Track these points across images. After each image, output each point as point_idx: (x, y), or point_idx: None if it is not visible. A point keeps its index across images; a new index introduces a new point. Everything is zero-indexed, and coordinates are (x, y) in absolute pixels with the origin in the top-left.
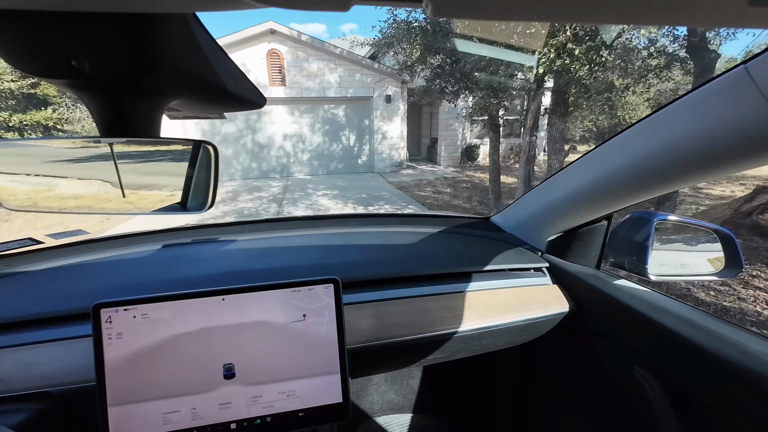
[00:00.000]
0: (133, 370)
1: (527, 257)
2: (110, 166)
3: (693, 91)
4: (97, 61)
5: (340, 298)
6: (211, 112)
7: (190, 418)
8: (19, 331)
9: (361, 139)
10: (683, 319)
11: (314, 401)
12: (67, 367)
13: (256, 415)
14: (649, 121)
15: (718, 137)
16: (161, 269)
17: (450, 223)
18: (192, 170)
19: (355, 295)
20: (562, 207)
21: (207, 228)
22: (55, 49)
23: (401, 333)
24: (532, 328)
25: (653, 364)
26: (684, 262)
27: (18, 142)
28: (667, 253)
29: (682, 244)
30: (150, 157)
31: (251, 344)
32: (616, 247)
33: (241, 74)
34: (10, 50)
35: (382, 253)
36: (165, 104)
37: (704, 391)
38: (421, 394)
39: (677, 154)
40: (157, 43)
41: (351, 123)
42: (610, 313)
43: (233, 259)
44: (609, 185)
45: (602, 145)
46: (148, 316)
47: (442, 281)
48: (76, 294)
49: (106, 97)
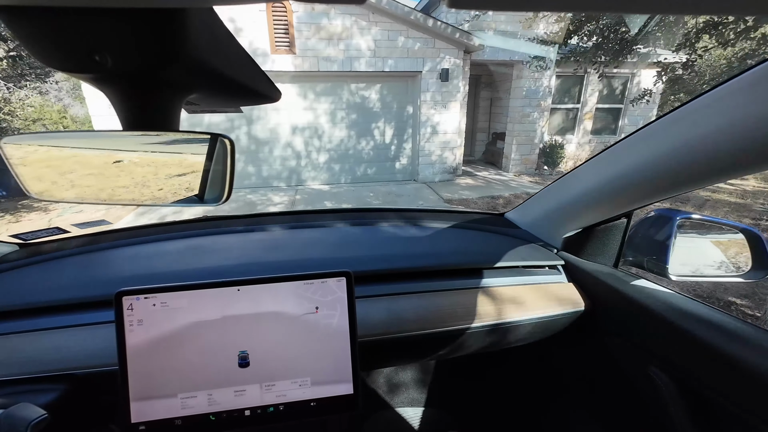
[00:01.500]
0: (153, 355)
1: (542, 254)
2: (132, 158)
3: (719, 86)
4: (119, 56)
5: (352, 291)
6: (227, 106)
7: (207, 404)
8: (48, 316)
9: (401, 134)
10: (705, 322)
11: (325, 392)
12: (92, 351)
13: (269, 403)
14: (673, 116)
15: (747, 134)
16: (179, 259)
17: (463, 218)
18: (209, 163)
19: (367, 288)
20: (580, 204)
21: (223, 220)
22: (78, 44)
23: (412, 327)
24: (545, 326)
25: (670, 366)
26: (707, 263)
27: (41, 134)
28: (689, 253)
29: (706, 243)
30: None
31: (265, 334)
32: (635, 245)
33: (257, 68)
34: (35, 45)
35: (394, 247)
36: (184, 98)
37: (724, 395)
38: (431, 388)
39: (702, 151)
40: (178, 37)
41: (388, 110)
42: (627, 313)
43: (248, 250)
44: (630, 182)
45: (623, 140)
46: (167, 305)
47: (455, 277)
48: (100, 282)
49: (128, 91)
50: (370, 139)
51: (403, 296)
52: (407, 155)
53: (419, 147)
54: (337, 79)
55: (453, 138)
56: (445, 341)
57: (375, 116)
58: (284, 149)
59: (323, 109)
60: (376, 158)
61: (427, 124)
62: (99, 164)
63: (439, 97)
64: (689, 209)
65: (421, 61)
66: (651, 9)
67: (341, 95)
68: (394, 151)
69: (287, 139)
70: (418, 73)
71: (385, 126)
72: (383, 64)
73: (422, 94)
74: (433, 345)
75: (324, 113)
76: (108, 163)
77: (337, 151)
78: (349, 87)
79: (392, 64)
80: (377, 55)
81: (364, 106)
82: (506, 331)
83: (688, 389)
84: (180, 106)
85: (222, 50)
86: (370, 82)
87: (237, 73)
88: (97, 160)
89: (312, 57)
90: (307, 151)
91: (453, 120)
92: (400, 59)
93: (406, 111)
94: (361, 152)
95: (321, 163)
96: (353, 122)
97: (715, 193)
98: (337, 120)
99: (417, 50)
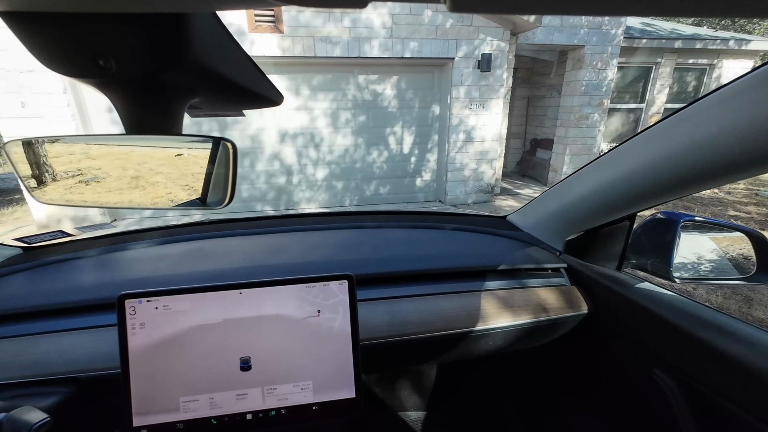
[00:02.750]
0: (155, 358)
1: (545, 257)
2: (134, 162)
3: (726, 85)
4: (123, 60)
5: (354, 295)
6: (229, 110)
7: (209, 407)
8: (51, 319)
9: (423, 142)
10: (709, 324)
11: (327, 395)
12: (95, 354)
13: (271, 407)
14: (677, 117)
15: (752, 135)
16: (182, 262)
17: (465, 221)
18: (212, 166)
19: (370, 291)
20: (582, 206)
21: (225, 223)
22: (83, 50)
23: (415, 330)
24: (548, 330)
25: (675, 369)
26: (711, 265)
27: (45, 137)
28: (693, 256)
29: (710, 246)
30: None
31: (267, 338)
32: (638, 248)
33: (259, 71)
34: (41, 50)
35: (396, 250)
36: (187, 102)
37: (729, 397)
38: (434, 392)
39: (706, 153)
40: (181, 41)
41: (407, 110)
42: (630, 316)
43: (250, 253)
44: (633, 184)
45: (627, 142)
46: (170, 308)
47: (457, 279)
48: (103, 285)
49: (132, 95)
50: (384, 148)
51: (406, 299)
52: (431, 169)
53: (448, 158)
54: (340, 68)
55: (492, 147)
56: (447, 344)
57: (390, 118)
58: (270, 162)
59: (321, 110)
60: (391, 173)
61: (459, 129)
62: (103, 167)
63: (476, 92)
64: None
65: (454, 44)
66: (657, 12)
67: (345, 90)
68: (415, 164)
69: (274, 149)
70: (449, 60)
71: (404, 131)
72: (403, 47)
73: (454, 88)
74: (435, 348)
75: (322, 115)
76: (112, 167)
77: (339, 164)
78: (357, 80)
79: (415, 48)
80: (395, 35)
81: (376, 104)
82: (510, 333)
83: (692, 392)
84: (183, 109)
85: (224, 54)
86: (385, 72)
87: (239, 76)
88: (100, 163)
89: (306, 37)
90: (301, 165)
91: (493, 123)
92: (426, 41)
93: (432, 111)
94: (372, 165)
95: (318, 181)
96: (361, 126)
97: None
98: (341, 123)
99: (449, 29)
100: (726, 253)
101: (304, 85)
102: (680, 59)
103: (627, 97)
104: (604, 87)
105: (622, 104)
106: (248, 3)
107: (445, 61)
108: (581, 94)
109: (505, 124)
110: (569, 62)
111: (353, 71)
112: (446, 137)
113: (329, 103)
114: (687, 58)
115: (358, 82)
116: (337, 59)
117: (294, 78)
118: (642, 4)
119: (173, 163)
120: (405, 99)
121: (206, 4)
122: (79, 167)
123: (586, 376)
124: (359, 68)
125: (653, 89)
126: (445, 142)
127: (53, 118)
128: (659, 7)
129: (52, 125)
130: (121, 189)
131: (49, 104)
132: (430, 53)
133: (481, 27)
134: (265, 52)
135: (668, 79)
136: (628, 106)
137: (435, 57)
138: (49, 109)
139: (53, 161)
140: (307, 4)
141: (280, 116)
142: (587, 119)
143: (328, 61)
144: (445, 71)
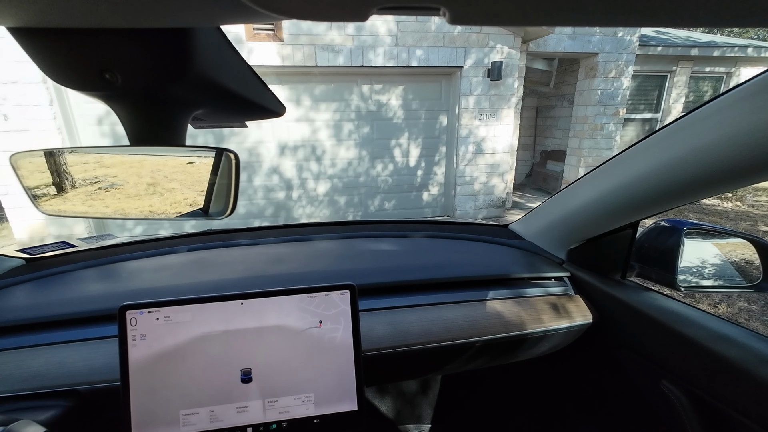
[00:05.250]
0: (155, 370)
1: (548, 266)
2: (138, 173)
3: (726, 93)
4: (129, 74)
5: (356, 305)
6: (232, 121)
7: (209, 420)
8: (52, 330)
9: (431, 154)
10: (717, 334)
11: (329, 408)
12: (95, 367)
13: (271, 420)
14: (678, 125)
15: (755, 141)
16: (183, 273)
17: (467, 230)
18: (214, 177)
19: (371, 302)
20: (584, 215)
21: (227, 233)
22: (90, 64)
23: (417, 341)
24: (553, 340)
25: (683, 380)
26: (716, 273)
27: (50, 149)
28: (697, 264)
29: (715, 253)
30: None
31: (268, 349)
32: (642, 256)
33: (261, 83)
34: (49, 65)
35: (398, 259)
36: (191, 114)
37: (739, 409)
38: (438, 405)
39: (708, 160)
40: (185, 55)
41: (413, 121)
42: (635, 326)
43: (251, 264)
44: (634, 193)
45: (627, 150)
46: (171, 319)
47: (459, 289)
48: (104, 296)
49: (137, 108)
50: (389, 161)
51: (408, 309)
52: (439, 182)
53: (456, 171)
54: (343, 77)
55: (503, 159)
56: (451, 355)
57: (396, 130)
58: (268, 177)
59: (323, 121)
60: (397, 187)
61: (468, 140)
62: (119, 175)
63: (486, 102)
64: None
65: (462, 52)
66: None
67: (349, 101)
68: (422, 178)
69: (273, 162)
70: (457, 69)
71: (410, 143)
72: (409, 56)
73: (463, 98)
74: (439, 359)
75: (324, 126)
76: (128, 174)
77: (342, 178)
78: (361, 89)
79: (422, 57)
80: (400, 43)
81: (381, 115)
82: (513, 344)
83: (702, 403)
84: (187, 121)
85: (227, 67)
86: (390, 82)
87: (242, 88)
88: (116, 171)
89: (307, 45)
90: (301, 179)
91: (505, 134)
92: (433, 49)
93: (439, 122)
94: (377, 179)
95: (320, 195)
96: (365, 138)
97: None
98: (343, 135)
99: (457, 36)
100: (729, 258)
101: (305, 95)
102: (696, 67)
103: (642, 106)
104: (620, 96)
105: (637, 114)
106: (250, 18)
107: (453, 69)
108: (595, 104)
109: (517, 135)
110: (581, 71)
111: (357, 81)
112: (455, 149)
113: (331, 114)
114: (703, 66)
115: (362, 92)
116: (340, 68)
117: (294, 88)
118: (636, 15)
119: (184, 171)
120: (411, 109)
121: (210, 20)
122: (96, 175)
123: (593, 387)
124: (363, 77)
125: (668, 98)
126: (454, 154)
127: (37, 131)
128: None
129: (37, 139)
130: (140, 195)
131: (35, 117)
132: (437, 62)
133: (490, 34)
134: (264, 61)
135: (684, 88)
136: (642, 115)
137: (443, 66)
138: (34, 123)
139: (72, 169)
140: (308, 17)
141: (280, 128)
142: (602, 129)
143: (331, 71)
144: (453, 80)
